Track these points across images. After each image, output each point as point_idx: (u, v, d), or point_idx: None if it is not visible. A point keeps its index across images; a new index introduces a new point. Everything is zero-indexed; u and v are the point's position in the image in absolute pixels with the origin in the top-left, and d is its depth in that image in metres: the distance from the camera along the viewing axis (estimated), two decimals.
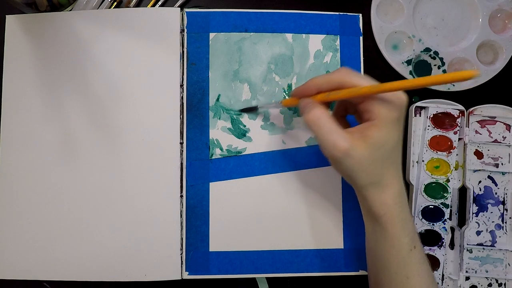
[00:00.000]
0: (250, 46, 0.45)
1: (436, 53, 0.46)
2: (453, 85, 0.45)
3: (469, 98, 0.46)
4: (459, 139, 0.45)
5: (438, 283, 0.43)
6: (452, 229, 0.45)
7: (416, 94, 0.46)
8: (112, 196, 0.42)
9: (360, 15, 0.45)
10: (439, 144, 0.44)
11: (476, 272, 0.44)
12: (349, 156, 0.32)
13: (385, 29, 0.46)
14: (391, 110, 0.32)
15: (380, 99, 0.32)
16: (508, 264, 0.44)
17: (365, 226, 0.38)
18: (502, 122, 0.45)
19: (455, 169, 0.44)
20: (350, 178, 0.35)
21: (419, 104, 0.45)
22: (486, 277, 0.44)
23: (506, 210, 0.44)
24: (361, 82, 0.33)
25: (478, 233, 0.44)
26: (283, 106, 0.40)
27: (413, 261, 0.35)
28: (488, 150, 0.45)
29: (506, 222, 0.44)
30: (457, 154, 0.44)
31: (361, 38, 0.45)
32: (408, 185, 0.45)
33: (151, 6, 0.46)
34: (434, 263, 0.43)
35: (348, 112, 0.39)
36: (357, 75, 0.34)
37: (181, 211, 0.43)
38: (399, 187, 0.35)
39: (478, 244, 0.44)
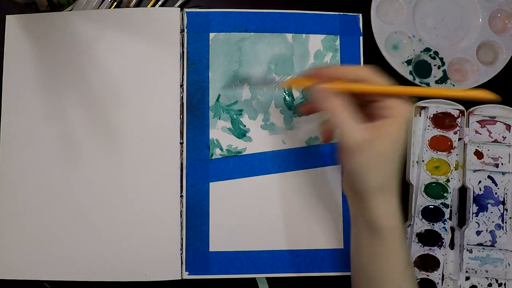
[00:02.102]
0: (250, 46, 0.45)
1: (436, 53, 0.46)
2: (453, 85, 0.45)
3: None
4: (459, 139, 0.45)
5: (438, 283, 0.43)
6: (452, 229, 0.45)
7: None
8: (112, 196, 0.42)
9: (360, 15, 0.46)
10: (439, 144, 0.44)
11: (476, 272, 0.44)
12: (366, 148, 0.32)
13: (385, 29, 0.46)
14: (407, 109, 0.33)
15: (399, 98, 0.33)
16: (508, 264, 0.44)
17: (357, 241, 0.36)
18: (502, 122, 0.45)
19: (455, 169, 0.44)
20: (361, 177, 0.33)
21: (419, 104, 0.45)
22: (486, 277, 0.44)
23: (506, 210, 0.44)
24: (383, 81, 0.34)
25: (478, 233, 0.44)
26: (284, 88, 0.37)
27: (407, 280, 0.34)
28: (488, 150, 0.45)
29: (506, 222, 0.44)
30: (457, 154, 0.44)
31: (361, 38, 0.45)
32: (408, 185, 0.45)
33: (151, 6, 0.46)
34: (434, 263, 0.43)
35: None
36: (380, 75, 0.34)
37: (181, 211, 0.43)
38: (398, 197, 0.34)
39: (478, 244, 0.44)
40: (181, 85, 0.44)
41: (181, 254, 0.42)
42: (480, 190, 0.45)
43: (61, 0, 0.45)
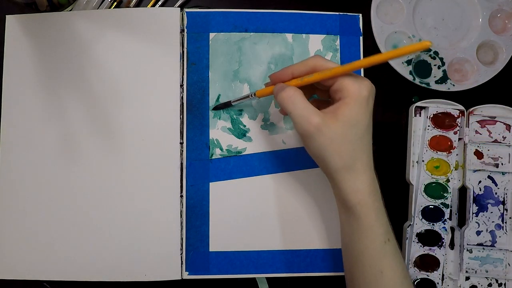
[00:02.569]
0: (250, 46, 0.45)
1: (436, 53, 0.46)
2: (453, 85, 0.45)
3: (469, 98, 0.46)
4: (459, 139, 0.45)
5: (438, 283, 0.43)
6: (452, 229, 0.45)
7: (416, 94, 0.46)
8: (112, 196, 0.42)
9: (360, 15, 0.45)
10: (439, 144, 0.44)
11: (476, 272, 0.44)
12: (322, 132, 0.32)
13: (385, 29, 0.46)
14: (360, 88, 0.33)
15: (350, 78, 0.33)
16: (508, 264, 0.44)
17: (340, 219, 0.37)
18: (502, 122, 0.45)
19: (455, 169, 0.44)
20: (323, 160, 0.34)
21: (419, 104, 0.45)
22: (486, 277, 0.44)
23: (506, 210, 0.44)
24: (333, 65, 0.34)
25: (478, 233, 0.44)
26: (258, 97, 0.40)
27: (387, 254, 0.34)
28: (488, 150, 0.45)
29: (506, 222, 0.44)
30: (457, 154, 0.44)
31: (361, 38, 0.45)
32: (408, 185, 0.45)
33: (151, 6, 0.46)
34: (434, 263, 0.43)
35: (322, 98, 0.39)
36: (329, 60, 0.35)
37: (181, 211, 0.43)
38: (372, 175, 0.35)
39: (478, 244, 0.44)
40: (181, 85, 0.44)
41: (181, 254, 0.42)
42: (480, 190, 0.45)
43: (61, 0, 0.45)
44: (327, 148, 0.33)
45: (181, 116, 0.43)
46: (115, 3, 0.45)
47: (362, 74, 0.45)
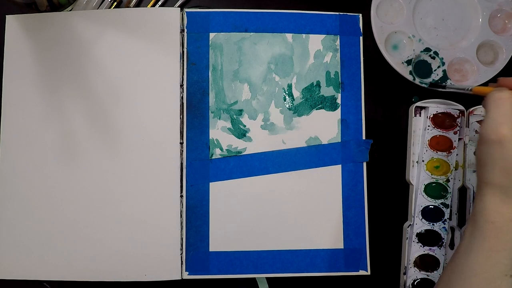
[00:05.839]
0: (250, 46, 0.45)
1: (436, 53, 0.46)
2: (453, 85, 0.45)
3: (469, 98, 0.45)
4: (459, 139, 0.45)
5: None
6: (452, 229, 0.45)
7: (416, 94, 0.46)
8: (112, 196, 0.42)
9: (360, 15, 0.46)
10: (439, 144, 0.44)
11: None
12: (502, 144, 0.31)
13: (385, 29, 0.46)
14: None
15: None
16: None
17: (465, 230, 0.35)
18: None
19: (455, 169, 0.44)
20: (483, 168, 0.33)
21: (419, 104, 0.45)
22: None
23: None
24: None
25: None
26: (473, 93, 0.38)
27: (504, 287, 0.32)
28: None
29: None
30: (457, 154, 0.44)
31: (361, 38, 0.45)
32: (408, 185, 0.45)
33: (151, 6, 0.46)
34: (434, 263, 0.43)
35: None
36: None
37: (181, 211, 0.43)
38: None
39: None
40: (181, 85, 0.44)
41: (181, 254, 0.42)
42: None
43: (61, 0, 0.45)
44: (497, 161, 0.32)
45: (181, 116, 0.43)
46: (115, 3, 0.45)
47: (362, 70, 0.45)
